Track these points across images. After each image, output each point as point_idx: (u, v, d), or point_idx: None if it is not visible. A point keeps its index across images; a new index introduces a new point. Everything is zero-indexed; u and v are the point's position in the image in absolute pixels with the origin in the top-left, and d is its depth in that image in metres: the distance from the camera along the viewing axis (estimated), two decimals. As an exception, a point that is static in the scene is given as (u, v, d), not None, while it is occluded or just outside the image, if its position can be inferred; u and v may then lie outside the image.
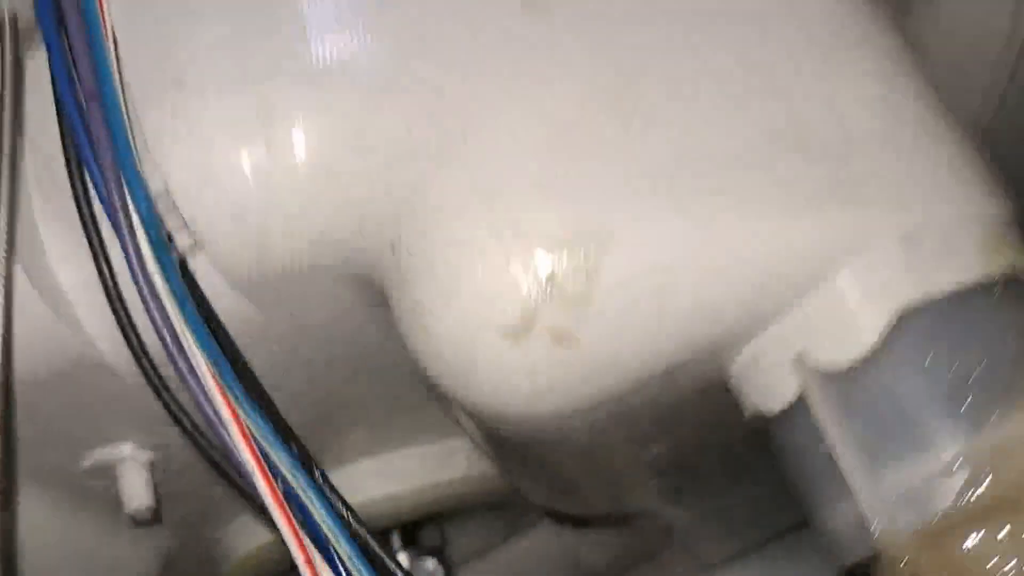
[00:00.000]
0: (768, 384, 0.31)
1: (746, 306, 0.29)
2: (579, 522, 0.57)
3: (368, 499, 0.50)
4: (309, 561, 0.29)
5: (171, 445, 0.41)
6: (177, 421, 0.33)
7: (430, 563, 0.55)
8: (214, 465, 0.32)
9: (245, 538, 0.52)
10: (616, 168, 0.29)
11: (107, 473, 0.41)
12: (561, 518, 0.59)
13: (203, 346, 0.30)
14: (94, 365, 0.36)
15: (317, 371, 0.39)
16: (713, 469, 0.47)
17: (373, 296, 0.34)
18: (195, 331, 0.30)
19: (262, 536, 0.52)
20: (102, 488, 0.42)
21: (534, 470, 0.42)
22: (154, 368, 0.32)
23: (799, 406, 0.30)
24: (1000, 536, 0.26)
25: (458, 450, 0.52)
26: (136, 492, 0.41)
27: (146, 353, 0.32)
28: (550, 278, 0.28)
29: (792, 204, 0.29)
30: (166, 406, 0.33)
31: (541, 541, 0.65)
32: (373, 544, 0.30)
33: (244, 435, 0.29)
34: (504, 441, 0.36)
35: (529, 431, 0.33)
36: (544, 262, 0.29)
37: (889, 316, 0.28)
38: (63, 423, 0.39)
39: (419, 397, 0.43)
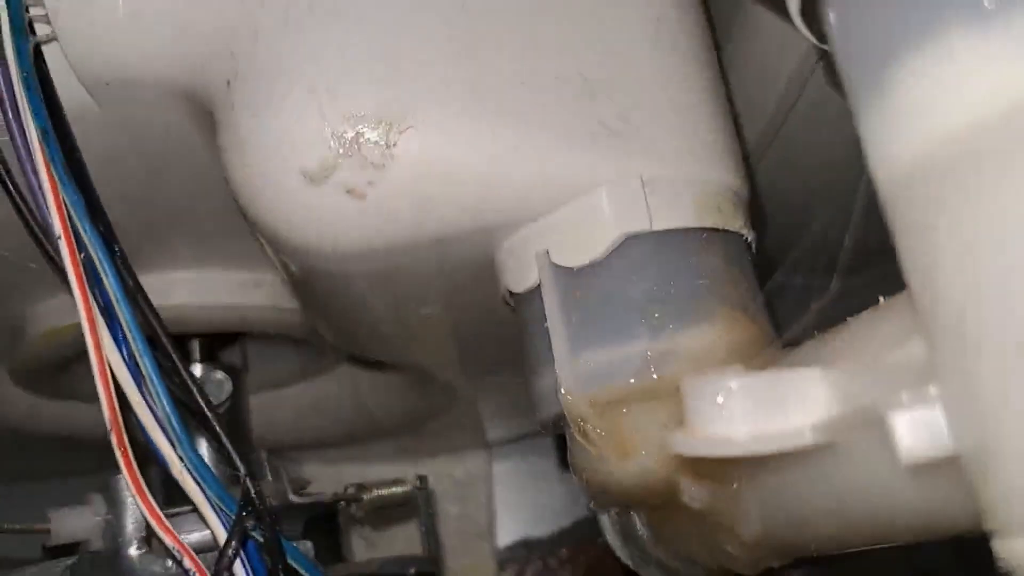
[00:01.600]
0: (518, 269, 0.37)
1: (513, 205, 0.35)
2: (374, 366, 0.64)
3: (173, 304, 0.55)
4: (92, 321, 0.34)
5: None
6: (2, 181, 0.36)
7: (219, 374, 0.59)
8: (28, 227, 0.36)
9: (54, 316, 0.56)
10: (432, 68, 0.34)
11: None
12: (357, 361, 0.65)
13: (36, 116, 0.33)
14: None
15: (142, 176, 0.43)
16: (486, 345, 0.54)
17: (206, 121, 0.38)
18: (32, 103, 0.33)
19: (68, 318, 0.55)
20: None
21: (328, 311, 0.47)
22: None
23: (536, 291, 0.36)
24: (650, 414, 0.34)
25: (267, 283, 0.57)
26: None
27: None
28: (353, 140, 0.33)
29: (568, 132, 0.35)
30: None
31: (335, 383, 0.71)
32: (153, 319, 0.35)
33: (58, 203, 0.34)
34: (300, 277, 0.41)
35: (315, 266, 0.38)
36: (350, 125, 0.34)
37: (617, 236, 0.35)
38: None
39: (235, 227, 0.47)
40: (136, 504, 0.40)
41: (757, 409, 0.25)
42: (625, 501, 0.37)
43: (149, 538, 0.43)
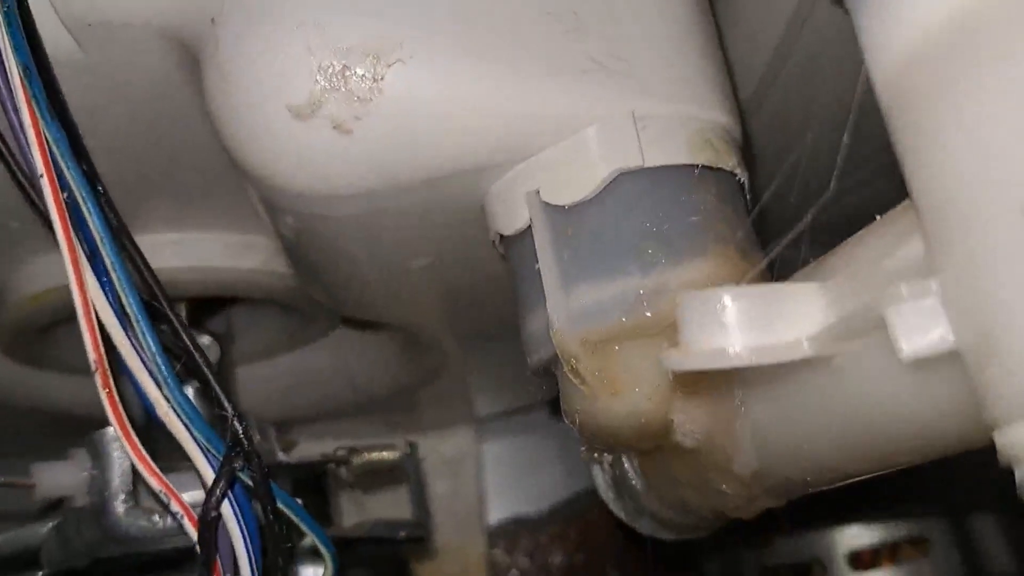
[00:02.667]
0: (508, 211, 0.37)
1: (503, 143, 0.35)
2: (364, 331, 0.63)
3: (162, 266, 0.54)
4: (76, 261, 0.33)
5: None
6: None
7: (206, 338, 0.58)
8: (9, 168, 0.36)
9: (37, 280, 0.55)
10: (421, 1, 0.34)
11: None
12: (348, 326, 0.64)
13: (17, 52, 0.33)
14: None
15: (127, 128, 0.42)
16: (476, 302, 0.53)
17: (191, 66, 0.37)
18: (13, 39, 0.33)
19: (52, 282, 0.55)
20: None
21: (318, 267, 0.47)
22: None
23: (527, 231, 0.36)
24: (643, 351, 0.34)
25: (258, 245, 0.56)
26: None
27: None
28: (339, 74, 0.33)
29: (559, 68, 0.34)
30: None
31: (324, 354, 0.71)
32: (139, 259, 0.34)
33: (40, 142, 0.33)
34: (290, 228, 0.40)
35: (302, 210, 0.38)
36: (337, 59, 0.33)
37: (608, 173, 0.34)
38: None
39: (223, 186, 0.47)
40: (122, 456, 0.40)
41: (753, 321, 0.25)
42: (617, 443, 0.37)
43: (136, 492, 0.42)
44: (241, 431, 0.34)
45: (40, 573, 0.47)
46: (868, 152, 0.27)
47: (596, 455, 0.42)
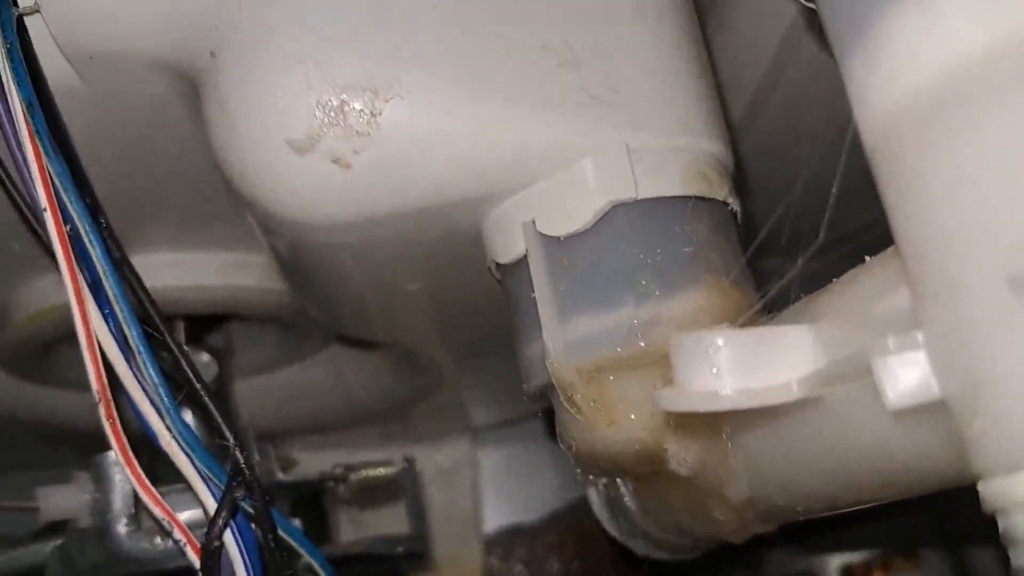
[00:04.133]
0: (504, 240, 0.37)
1: (499, 174, 0.35)
2: (360, 348, 0.63)
3: (157, 286, 0.54)
4: (79, 292, 0.33)
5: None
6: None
7: (205, 356, 0.59)
8: (12, 201, 0.36)
9: (37, 298, 0.56)
10: (418, 36, 0.34)
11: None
12: (344, 343, 0.65)
13: (21, 87, 0.33)
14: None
15: (126, 154, 0.43)
16: (471, 324, 0.54)
17: (190, 96, 0.38)
18: (16, 74, 0.33)
19: (52, 299, 0.55)
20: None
21: (314, 288, 0.47)
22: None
23: (523, 261, 0.37)
24: (637, 381, 0.34)
25: (252, 264, 0.56)
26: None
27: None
28: (338, 109, 0.34)
29: (554, 101, 0.35)
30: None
31: (321, 369, 0.71)
32: (140, 290, 0.35)
33: (43, 176, 0.33)
34: (287, 252, 0.41)
35: (301, 238, 0.38)
36: (335, 95, 0.34)
37: (603, 204, 0.35)
38: None
39: (219, 208, 0.47)
40: (124, 479, 0.41)
41: (744, 364, 0.25)
42: (612, 470, 0.37)
43: (138, 515, 0.42)
44: (242, 461, 0.34)
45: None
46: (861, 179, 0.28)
47: (591, 477, 0.43)
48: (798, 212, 0.36)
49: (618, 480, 0.42)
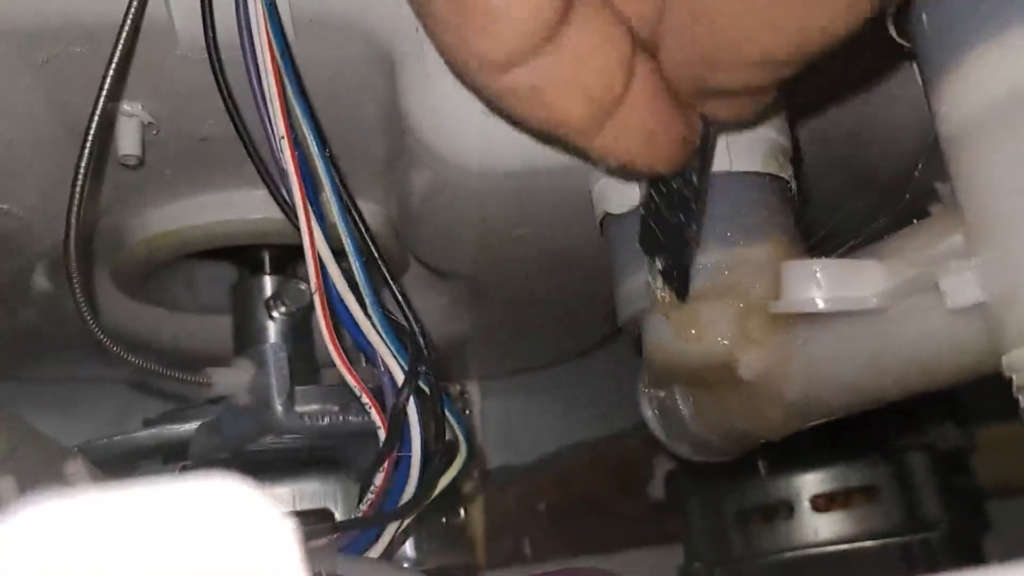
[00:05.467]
0: (620, 195, 0.48)
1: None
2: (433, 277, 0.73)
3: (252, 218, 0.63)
4: (306, 205, 0.43)
5: (168, 116, 0.53)
6: (222, 90, 0.45)
7: (301, 284, 0.68)
8: (242, 136, 0.46)
9: (156, 224, 0.64)
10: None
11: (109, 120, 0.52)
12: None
13: (275, 37, 0.43)
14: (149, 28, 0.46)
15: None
16: (544, 273, 0.65)
17: (379, 62, 0.47)
18: (272, 26, 0.43)
19: (170, 225, 0.64)
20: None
21: (432, 229, 0.57)
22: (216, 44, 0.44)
23: (634, 212, 0.48)
24: (720, 308, 0.46)
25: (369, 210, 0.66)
26: (129, 142, 0.52)
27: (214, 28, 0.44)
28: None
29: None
30: (219, 77, 0.45)
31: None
32: (351, 205, 0.45)
33: (283, 109, 0.43)
34: (435, 196, 0.51)
35: (466, 186, 0.49)
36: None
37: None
38: (94, 70, 0.46)
39: (370, 166, 0.56)
40: (282, 365, 0.50)
41: (834, 282, 0.37)
42: (690, 377, 0.49)
43: (291, 398, 0.52)
44: (423, 344, 0.45)
45: (184, 464, 0.57)
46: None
47: (651, 389, 0.54)
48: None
49: (676, 391, 0.53)
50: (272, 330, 0.70)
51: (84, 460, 0.54)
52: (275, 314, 0.69)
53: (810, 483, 0.75)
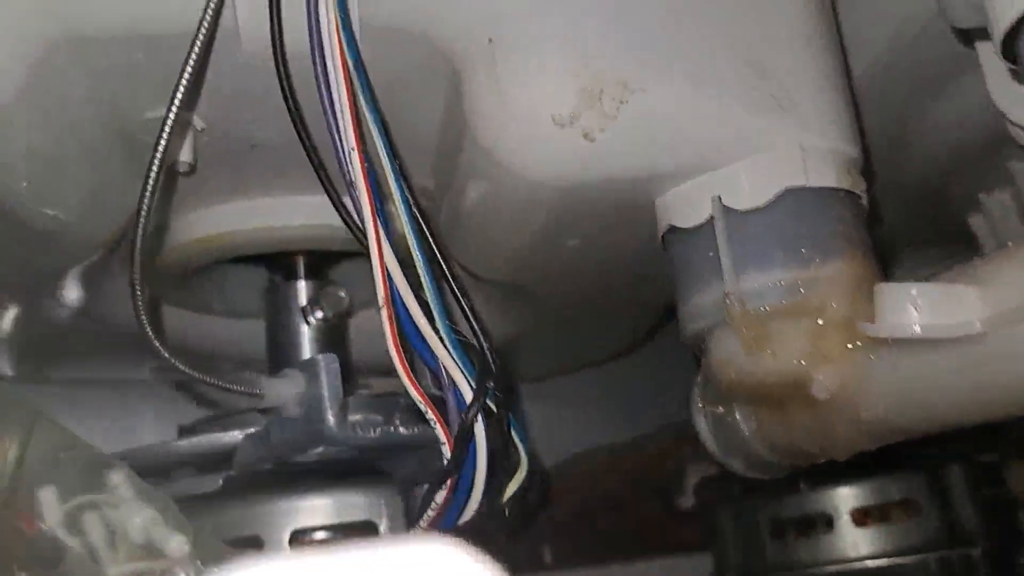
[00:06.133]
0: (690, 209, 0.47)
1: (705, 155, 0.46)
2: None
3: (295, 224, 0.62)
4: (375, 217, 0.42)
5: (220, 121, 0.51)
6: (288, 98, 0.44)
7: (340, 290, 0.67)
8: (304, 142, 0.44)
9: (197, 228, 0.63)
10: (660, 44, 0.45)
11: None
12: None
13: (349, 49, 0.41)
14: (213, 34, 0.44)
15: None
16: (589, 284, 0.64)
17: (449, 74, 0.46)
18: (346, 38, 0.41)
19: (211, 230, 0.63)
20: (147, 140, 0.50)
21: (483, 238, 0.56)
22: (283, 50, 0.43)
23: (702, 227, 0.47)
24: (795, 326, 0.45)
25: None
26: (183, 148, 0.51)
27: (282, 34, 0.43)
28: (597, 95, 0.43)
29: (754, 106, 0.45)
30: (284, 85, 0.44)
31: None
32: (422, 221, 0.43)
33: (354, 121, 0.42)
34: (492, 203, 0.50)
35: (524, 195, 0.48)
36: (596, 85, 0.43)
37: (778, 189, 0.45)
38: (151, 77, 0.46)
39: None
40: (333, 378, 0.49)
41: (933, 308, 0.36)
42: (760, 394, 0.48)
43: (344, 410, 0.51)
44: (491, 359, 0.43)
45: (228, 474, 0.55)
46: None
47: (708, 405, 0.54)
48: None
49: (737, 407, 0.52)
50: (307, 336, 0.69)
51: (128, 470, 0.53)
52: (311, 320, 0.68)
53: (849, 496, 0.75)
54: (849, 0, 0.53)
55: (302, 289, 0.70)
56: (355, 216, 0.44)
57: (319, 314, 0.68)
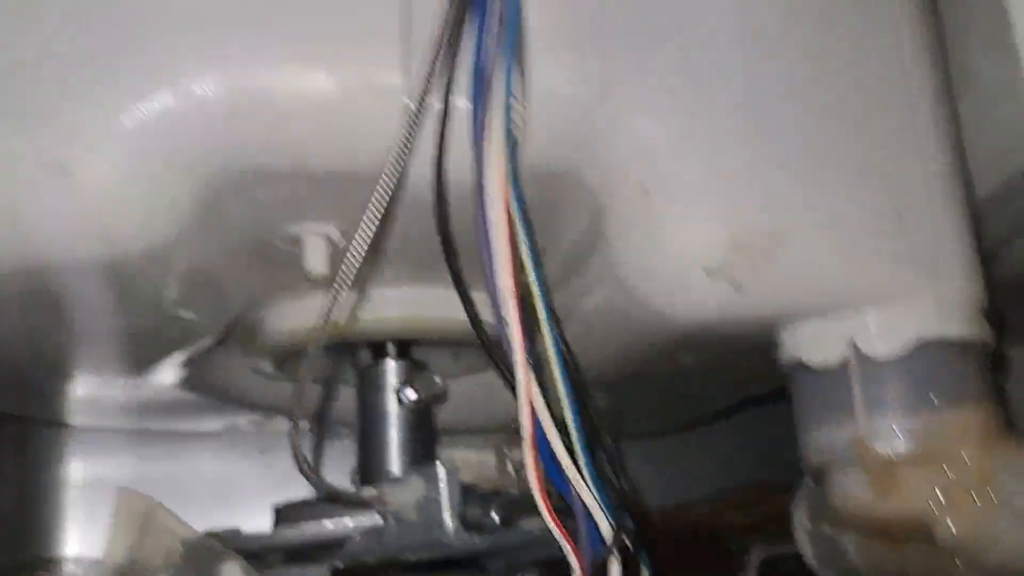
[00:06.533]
0: (821, 348, 0.48)
1: (840, 298, 0.47)
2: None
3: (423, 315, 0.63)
4: (523, 357, 0.42)
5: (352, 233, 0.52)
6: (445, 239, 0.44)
7: (435, 377, 0.68)
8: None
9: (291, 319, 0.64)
10: (805, 202, 0.46)
11: (295, 240, 0.51)
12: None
13: (513, 187, 0.42)
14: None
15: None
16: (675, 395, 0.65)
17: (593, 208, 0.47)
18: (514, 187, 0.42)
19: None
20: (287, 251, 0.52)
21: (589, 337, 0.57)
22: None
23: (838, 367, 0.48)
24: (923, 472, 0.46)
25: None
26: (318, 260, 0.51)
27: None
28: (747, 247, 0.44)
29: (894, 258, 0.47)
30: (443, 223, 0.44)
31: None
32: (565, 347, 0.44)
33: (512, 261, 0.43)
34: (625, 325, 0.51)
35: (659, 331, 0.49)
36: (748, 237, 0.45)
37: (913, 339, 0.47)
38: (306, 204, 0.48)
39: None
40: (452, 485, 0.50)
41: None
42: (878, 530, 0.49)
43: (464, 518, 0.52)
44: (629, 498, 0.45)
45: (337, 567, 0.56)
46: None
47: (816, 526, 0.55)
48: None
49: (848, 534, 0.53)
50: (396, 415, 0.70)
51: (242, 563, 0.54)
52: (404, 400, 0.69)
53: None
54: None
55: (391, 369, 0.71)
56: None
57: (412, 395, 0.69)
